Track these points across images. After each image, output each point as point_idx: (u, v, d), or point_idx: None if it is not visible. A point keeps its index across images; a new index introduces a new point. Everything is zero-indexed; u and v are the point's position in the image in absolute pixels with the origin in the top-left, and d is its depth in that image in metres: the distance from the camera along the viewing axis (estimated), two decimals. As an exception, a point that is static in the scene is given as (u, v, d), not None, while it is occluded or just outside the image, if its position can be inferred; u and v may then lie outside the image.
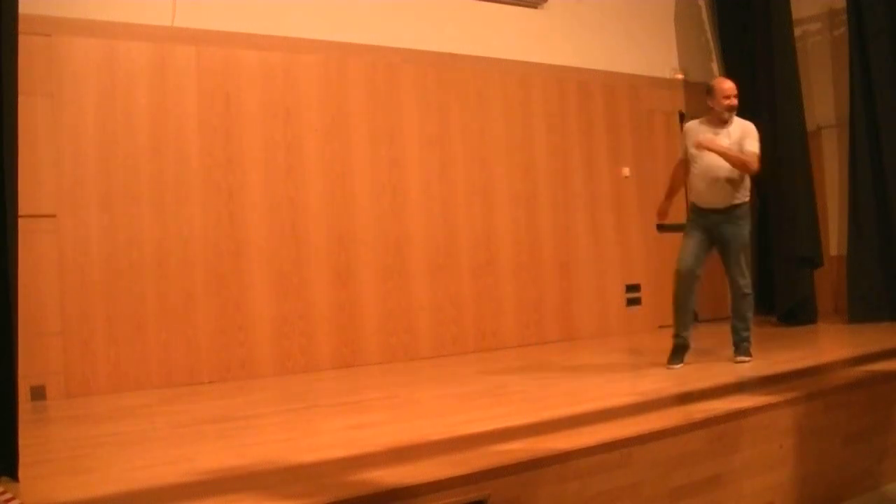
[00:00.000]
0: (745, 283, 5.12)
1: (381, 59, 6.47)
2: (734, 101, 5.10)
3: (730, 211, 5.05)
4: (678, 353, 5.12)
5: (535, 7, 7.34)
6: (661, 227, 7.94)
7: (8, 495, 2.76)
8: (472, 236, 6.79)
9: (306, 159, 6.07)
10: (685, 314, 5.14)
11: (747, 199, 5.12)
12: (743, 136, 5.04)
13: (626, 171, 7.72)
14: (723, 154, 4.94)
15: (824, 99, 8.22)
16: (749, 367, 4.97)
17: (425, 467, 2.86)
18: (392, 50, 6.51)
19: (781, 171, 7.49)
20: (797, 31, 7.88)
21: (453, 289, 6.65)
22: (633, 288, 7.71)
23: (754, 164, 4.99)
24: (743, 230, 5.10)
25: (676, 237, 8.01)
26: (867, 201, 7.32)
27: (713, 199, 5.05)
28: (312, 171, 6.10)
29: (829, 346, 6.27)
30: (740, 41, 8.19)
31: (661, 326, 7.83)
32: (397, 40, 6.54)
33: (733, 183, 5.01)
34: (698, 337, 7.26)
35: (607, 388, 4.57)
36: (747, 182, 5.10)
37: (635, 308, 7.72)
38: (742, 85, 8.16)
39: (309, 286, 6.02)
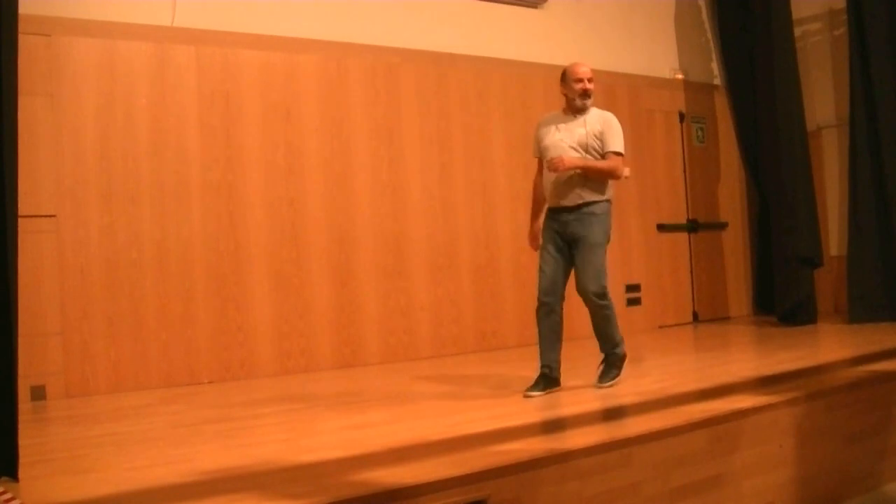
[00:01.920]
0: (598, 290, 4.41)
1: (381, 59, 6.47)
2: (588, 86, 4.50)
3: (581, 209, 4.44)
4: (540, 381, 4.46)
5: (535, 7, 7.34)
6: (662, 228, 7.96)
7: (8, 495, 2.76)
8: (472, 236, 6.79)
9: (306, 159, 6.07)
10: (551, 342, 4.48)
11: (604, 197, 4.50)
12: (604, 129, 4.46)
13: (626, 171, 7.68)
14: (585, 168, 4.39)
15: (824, 99, 8.22)
16: (749, 367, 4.97)
17: (425, 467, 2.86)
18: (392, 50, 6.51)
19: (781, 171, 7.50)
20: (797, 31, 7.88)
21: (453, 289, 6.65)
22: (633, 288, 7.71)
23: (620, 169, 4.50)
24: (594, 229, 4.43)
25: (676, 237, 8.09)
26: (867, 201, 7.32)
27: (562, 197, 4.46)
28: (312, 171, 6.10)
29: (829, 346, 6.27)
30: (740, 41, 8.19)
31: (660, 326, 7.84)
32: (397, 40, 6.54)
33: (583, 179, 4.42)
34: (698, 336, 7.31)
35: (607, 388, 4.56)
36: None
37: (635, 308, 7.71)
38: (742, 85, 8.28)
39: (309, 286, 6.02)
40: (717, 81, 8.59)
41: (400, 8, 6.62)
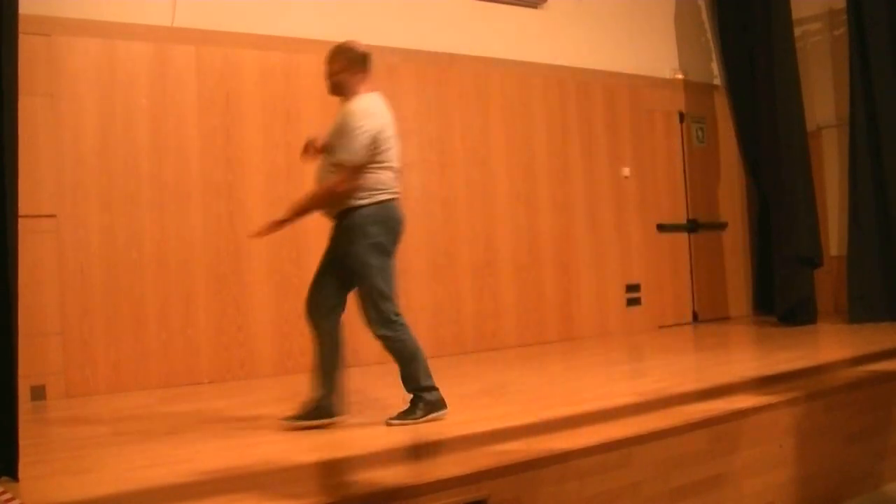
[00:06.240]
0: (374, 318, 3.83)
1: (381, 59, 6.44)
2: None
3: (338, 218, 3.88)
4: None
5: (535, 7, 7.34)
6: (662, 228, 7.95)
7: (8, 495, 2.76)
8: (472, 236, 6.79)
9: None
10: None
11: (362, 202, 3.80)
12: (336, 131, 3.85)
13: (626, 171, 7.72)
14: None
15: (824, 99, 8.23)
16: (749, 367, 4.97)
17: (425, 467, 2.86)
18: (392, 50, 6.50)
19: (781, 171, 7.50)
20: (797, 31, 7.88)
21: (453, 289, 6.64)
22: (633, 288, 7.70)
23: (340, 185, 3.73)
24: (353, 246, 3.77)
25: (676, 237, 8.09)
26: (867, 201, 7.33)
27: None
28: (312, 172, 6.07)
29: (829, 346, 6.27)
30: (740, 41, 8.20)
31: (660, 326, 7.84)
32: (397, 40, 6.54)
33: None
34: (698, 336, 7.31)
35: (607, 388, 4.57)
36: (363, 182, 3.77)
37: (635, 308, 7.71)
38: (742, 85, 8.28)
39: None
40: (717, 81, 8.59)
41: (400, 8, 6.61)
